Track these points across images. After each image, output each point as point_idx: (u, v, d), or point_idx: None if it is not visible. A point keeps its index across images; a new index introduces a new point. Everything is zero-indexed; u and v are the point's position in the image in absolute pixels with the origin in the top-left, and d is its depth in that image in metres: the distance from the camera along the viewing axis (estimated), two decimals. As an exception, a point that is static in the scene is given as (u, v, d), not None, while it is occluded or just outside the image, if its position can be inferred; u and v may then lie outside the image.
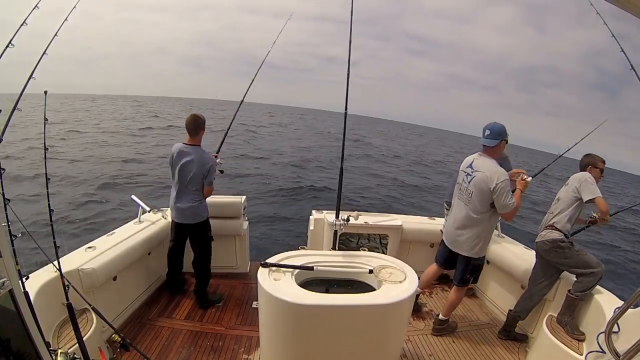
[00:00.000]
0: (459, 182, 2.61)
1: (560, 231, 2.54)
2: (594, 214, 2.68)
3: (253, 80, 3.45)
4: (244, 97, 3.45)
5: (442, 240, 2.78)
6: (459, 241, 2.56)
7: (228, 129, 3.34)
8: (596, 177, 2.58)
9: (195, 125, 2.75)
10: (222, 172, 3.04)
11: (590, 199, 2.45)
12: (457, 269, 2.66)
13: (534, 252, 2.77)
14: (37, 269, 2.20)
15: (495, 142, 2.40)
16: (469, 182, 2.47)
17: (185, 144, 2.76)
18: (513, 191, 2.43)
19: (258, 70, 3.54)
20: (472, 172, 2.47)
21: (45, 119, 1.88)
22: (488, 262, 3.38)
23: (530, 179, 2.54)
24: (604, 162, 2.65)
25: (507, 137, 2.46)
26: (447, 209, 3.49)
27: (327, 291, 2.02)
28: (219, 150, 3.12)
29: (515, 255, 3.08)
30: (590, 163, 2.64)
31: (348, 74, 2.62)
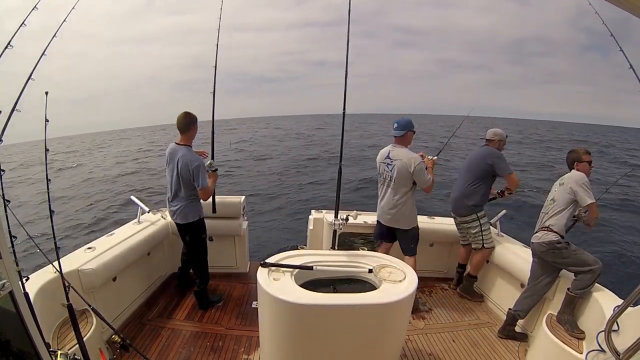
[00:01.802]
0: (380, 173, 3.06)
1: (557, 233, 2.54)
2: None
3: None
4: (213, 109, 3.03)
5: (378, 222, 3.21)
6: (395, 218, 3.01)
7: (212, 137, 3.06)
8: (585, 170, 2.58)
9: (187, 122, 2.69)
10: (215, 170, 2.87)
11: (588, 204, 2.46)
12: (403, 243, 3.10)
13: None
14: (37, 270, 2.21)
15: (403, 132, 2.92)
16: (391, 170, 2.92)
17: (177, 143, 2.73)
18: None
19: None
20: (391, 162, 2.93)
21: (46, 120, 1.88)
22: (487, 262, 3.38)
23: (436, 158, 3.08)
24: (589, 153, 2.65)
25: (414, 128, 2.96)
26: (454, 216, 3.45)
27: (326, 291, 2.03)
28: (212, 157, 2.97)
29: (515, 254, 3.08)
30: (575, 159, 2.64)
31: (346, 74, 2.61)
